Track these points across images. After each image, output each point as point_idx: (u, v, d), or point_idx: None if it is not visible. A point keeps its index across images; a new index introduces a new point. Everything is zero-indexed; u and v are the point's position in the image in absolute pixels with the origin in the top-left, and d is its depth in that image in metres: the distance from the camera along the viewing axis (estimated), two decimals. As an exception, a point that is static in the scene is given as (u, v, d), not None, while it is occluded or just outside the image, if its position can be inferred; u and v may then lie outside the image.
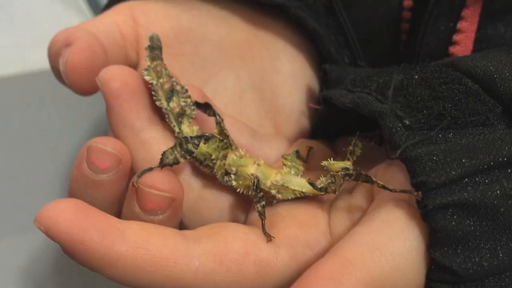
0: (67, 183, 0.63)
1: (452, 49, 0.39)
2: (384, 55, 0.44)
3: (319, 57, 0.43)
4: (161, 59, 0.36)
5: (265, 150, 0.39)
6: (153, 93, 0.35)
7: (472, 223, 0.28)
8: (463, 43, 0.39)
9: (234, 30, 0.42)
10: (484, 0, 0.38)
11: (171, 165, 0.33)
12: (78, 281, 0.58)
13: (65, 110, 0.64)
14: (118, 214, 0.35)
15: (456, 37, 0.39)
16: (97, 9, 0.69)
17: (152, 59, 0.36)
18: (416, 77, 0.33)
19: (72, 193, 0.35)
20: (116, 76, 0.34)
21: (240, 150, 0.36)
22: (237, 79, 0.42)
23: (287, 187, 0.34)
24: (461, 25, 0.39)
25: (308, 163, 0.38)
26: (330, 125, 0.40)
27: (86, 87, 0.36)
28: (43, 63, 0.63)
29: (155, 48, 0.37)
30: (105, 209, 0.33)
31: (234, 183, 0.35)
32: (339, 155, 0.39)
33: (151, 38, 0.37)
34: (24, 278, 0.56)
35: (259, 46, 0.42)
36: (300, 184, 0.34)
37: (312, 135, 0.42)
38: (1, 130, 0.61)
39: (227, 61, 0.42)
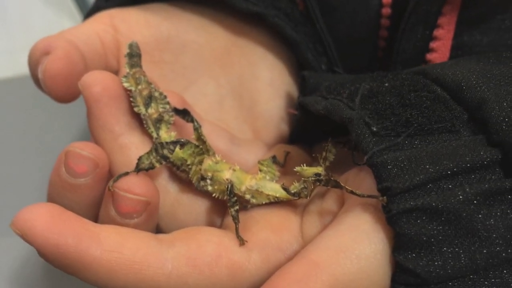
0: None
1: (429, 56, 0.40)
2: (363, 62, 0.45)
3: (298, 64, 0.44)
4: (140, 66, 0.37)
5: (243, 155, 0.40)
6: (131, 99, 0.36)
7: (435, 228, 0.28)
8: (440, 50, 0.40)
9: (213, 38, 0.43)
10: (461, 8, 0.39)
11: (146, 170, 0.34)
12: (68, 284, 0.59)
13: (59, 114, 0.64)
14: (96, 218, 0.36)
15: (432, 44, 0.40)
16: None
17: (131, 66, 0.37)
18: (386, 84, 0.34)
19: (50, 197, 0.35)
20: (97, 81, 0.35)
21: (216, 155, 0.36)
22: (216, 86, 0.43)
23: (261, 192, 0.35)
24: (438, 32, 0.39)
25: (285, 167, 0.39)
26: (307, 131, 0.41)
27: (64, 95, 0.37)
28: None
29: (134, 55, 0.37)
30: (83, 213, 0.33)
31: (210, 188, 0.36)
32: (316, 160, 0.40)
33: (130, 46, 0.37)
34: (14, 281, 0.56)
35: (238, 54, 0.43)
36: (274, 189, 0.35)
37: (290, 140, 0.42)
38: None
39: (207, 68, 0.43)
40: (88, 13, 0.43)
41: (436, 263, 0.28)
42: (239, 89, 0.43)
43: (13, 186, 0.62)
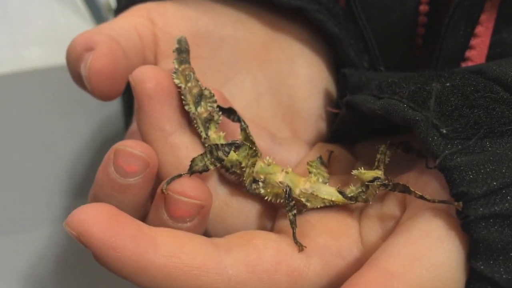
0: (64, 180, 0.63)
1: (468, 53, 0.39)
2: (400, 59, 0.44)
3: (336, 61, 0.43)
4: (189, 63, 0.36)
5: (284, 154, 0.39)
6: (182, 97, 0.35)
7: None
8: (479, 47, 0.39)
9: (251, 33, 0.42)
10: (500, 5, 0.38)
11: (200, 172, 0.33)
12: (79, 281, 0.58)
13: (61, 108, 0.64)
14: (142, 219, 0.35)
15: (472, 42, 0.39)
16: (94, 8, 0.68)
17: (180, 62, 0.36)
18: (448, 84, 0.33)
19: (96, 197, 0.34)
20: (150, 76, 0.34)
21: (268, 157, 0.35)
22: (254, 82, 0.42)
23: (316, 195, 0.34)
24: (478, 29, 0.39)
25: (329, 167, 0.38)
26: (351, 130, 0.40)
27: (108, 92, 0.35)
28: (39, 61, 0.63)
29: (183, 51, 0.36)
30: (130, 213, 0.32)
31: (262, 191, 0.35)
32: (359, 160, 0.39)
33: (179, 41, 0.36)
34: (25, 280, 0.56)
35: (276, 49, 0.42)
36: (329, 192, 0.34)
37: (330, 139, 0.42)
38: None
39: (245, 64, 0.42)
40: (121, 6, 0.42)
41: None
42: (277, 85, 0.42)
43: (15, 182, 0.62)
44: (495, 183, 0.28)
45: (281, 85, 0.42)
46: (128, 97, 0.46)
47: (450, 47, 0.40)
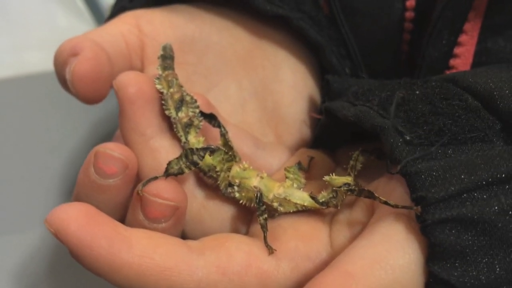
0: (63, 183, 0.64)
1: (453, 62, 0.41)
2: (386, 65, 0.46)
3: (320, 67, 0.45)
4: (173, 69, 0.38)
5: (267, 159, 0.41)
6: (163, 102, 0.36)
7: (470, 238, 0.29)
8: (463, 56, 0.40)
9: (236, 40, 0.43)
10: (485, 14, 0.39)
11: (175, 175, 0.34)
12: (72, 282, 0.59)
13: (63, 112, 0.65)
14: (121, 219, 0.36)
15: (456, 50, 0.40)
16: (96, 11, 0.70)
17: (164, 68, 0.37)
18: (417, 92, 0.34)
19: (77, 197, 0.36)
20: (132, 82, 0.36)
21: (244, 162, 0.37)
22: (239, 88, 0.43)
23: (289, 200, 0.35)
24: (462, 38, 0.40)
25: (309, 172, 0.40)
26: (331, 136, 0.41)
27: (92, 96, 0.37)
28: (41, 65, 0.65)
29: (167, 57, 0.38)
30: (110, 214, 0.34)
31: (237, 194, 0.36)
32: (339, 165, 0.40)
33: (164, 48, 0.38)
34: (18, 279, 0.57)
35: (261, 56, 0.44)
36: (302, 197, 0.35)
37: (313, 144, 0.43)
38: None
39: (230, 71, 0.43)
40: (112, 13, 0.44)
41: (470, 274, 0.29)
42: (261, 91, 0.43)
43: (16, 184, 0.63)
44: (453, 188, 0.29)
45: (265, 91, 0.44)
46: None
47: (432, 56, 0.41)
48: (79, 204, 0.32)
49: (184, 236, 0.37)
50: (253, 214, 0.37)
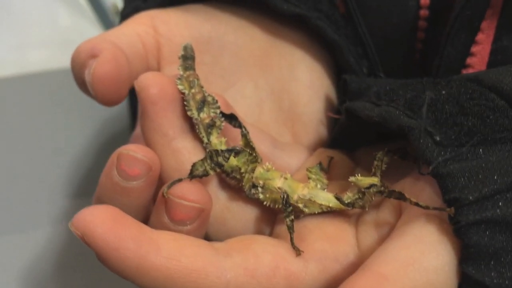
0: (66, 183, 0.64)
1: (469, 60, 0.41)
2: (399, 64, 0.46)
3: (337, 67, 0.45)
4: (194, 69, 0.37)
5: (285, 159, 0.41)
6: (185, 102, 0.36)
7: (504, 239, 0.29)
8: (480, 54, 0.40)
9: (252, 40, 0.43)
10: (501, 12, 0.39)
11: (200, 177, 0.34)
12: (79, 281, 0.59)
13: (65, 111, 0.65)
14: (145, 220, 0.36)
15: (473, 49, 0.40)
16: (99, 9, 0.70)
17: (185, 68, 0.37)
18: (443, 92, 0.34)
19: (99, 199, 0.36)
20: (154, 82, 0.36)
21: (267, 163, 0.37)
22: (255, 88, 0.43)
23: (314, 201, 0.35)
24: (479, 37, 0.40)
25: (329, 173, 0.40)
26: (350, 136, 0.41)
27: (111, 98, 0.37)
28: (43, 64, 0.65)
29: (188, 58, 0.38)
30: (133, 216, 0.34)
31: (261, 196, 0.36)
32: (359, 166, 0.41)
33: (185, 48, 0.38)
34: (25, 278, 0.57)
35: (277, 55, 0.44)
36: (327, 198, 0.35)
37: (331, 144, 0.43)
38: (1, 130, 0.62)
39: (246, 70, 0.43)
40: (125, 14, 0.44)
41: (505, 275, 0.29)
42: (278, 91, 0.43)
43: (18, 183, 0.63)
44: (486, 190, 0.29)
45: (282, 91, 0.43)
46: (133, 100, 0.48)
47: (451, 55, 0.41)
48: (105, 207, 0.31)
49: (207, 237, 0.37)
50: (276, 215, 0.37)
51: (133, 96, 0.45)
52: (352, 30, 0.44)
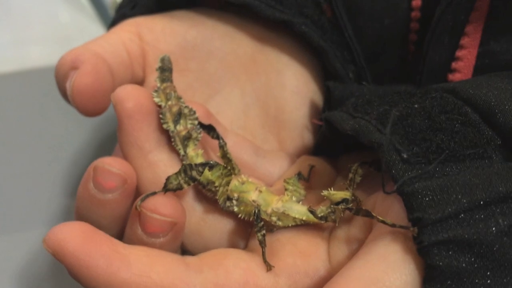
0: (65, 181, 0.65)
1: (455, 65, 0.41)
2: (392, 66, 0.46)
3: (324, 71, 0.45)
4: (171, 81, 0.38)
5: (268, 168, 0.42)
6: (160, 116, 0.37)
7: (467, 260, 0.29)
8: (466, 58, 0.40)
9: (239, 46, 0.44)
10: (487, 16, 0.39)
11: (174, 190, 0.35)
12: (75, 282, 0.60)
13: (64, 107, 0.65)
14: (121, 232, 0.38)
15: (458, 53, 0.41)
16: (99, 6, 0.70)
17: (162, 80, 0.38)
18: (416, 106, 0.34)
19: (78, 211, 0.37)
20: (130, 96, 0.37)
21: (242, 175, 0.38)
22: (242, 94, 0.44)
23: (287, 214, 0.36)
24: (464, 40, 0.40)
25: (310, 181, 0.40)
26: (332, 144, 0.42)
27: (92, 109, 0.38)
28: (42, 60, 0.65)
29: (165, 70, 0.38)
30: (110, 227, 0.35)
31: (235, 208, 0.37)
32: (341, 173, 0.41)
33: (162, 60, 0.39)
34: (23, 277, 0.58)
35: (264, 61, 0.44)
36: (300, 212, 0.36)
37: (315, 151, 0.44)
38: (0, 127, 0.63)
39: (232, 77, 0.44)
40: (113, 21, 0.45)
41: None
42: (264, 97, 0.44)
43: (15, 182, 0.64)
44: (450, 209, 0.30)
45: (268, 97, 0.44)
46: None
47: (433, 60, 0.41)
48: (77, 223, 0.32)
49: (183, 248, 0.38)
50: (252, 227, 0.38)
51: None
52: (338, 35, 0.44)
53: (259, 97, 0.44)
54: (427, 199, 0.30)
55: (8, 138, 0.64)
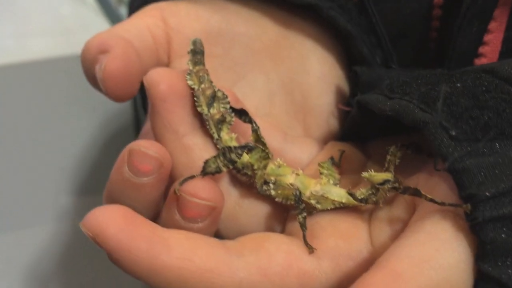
0: (69, 175, 0.64)
1: (481, 50, 0.41)
2: (414, 53, 0.46)
3: (348, 57, 0.45)
4: (203, 64, 0.38)
5: (296, 154, 0.41)
6: (195, 98, 0.37)
7: None
8: (492, 43, 0.41)
9: (264, 31, 0.44)
10: None
11: (213, 174, 0.35)
12: (83, 278, 0.60)
13: (67, 99, 0.65)
14: (154, 217, 0.37)
15: (486, 38, 0.41)
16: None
17: (195, 63, 0.38)
18: (458, 85, 0.34)
19: (110, 195, 0.36)
20: (164, 79, 0.36)
21: (278, 159, 0.37)
22: (266, 80, 0.44)
23: (326, 197, 0.36)
24: (491, 25, 0.40)
25: (340, 167, 0.40)
26: (362, 129, 0.41)
27: (122, 94, 0.37)
28: (45, 52, 0.65)
29: (197, 52, 0.38)
30: (143, 212, 0.35)
31: (273, 192, 0.37)
32: (370, 159, 0.41)
33: (194, 43, 0.38)
34: (29, 275, 0.58)
35: (288, 47, 0.44)
36: (339, 194, 0.36)
37: (342, 137, 0.43)
38: (2, 119, 0.63)
39: (257, 62, 0.44)
40: (134, 6, 0.44)
41: None
42: (289, 83, 0.44)
43: (20, 176, 0.63)
44: (503, 186, 0.30)
45: (293, 83, 0.44)
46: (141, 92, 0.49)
47: (463, 45, 0.41)
48: (116, 207, 0.32)
49: (218, 234, 0.38)
50: (288, 211, 0.38)
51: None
52: (365, 19, 0.44)
53: (284, 83, 0.44)
54: (479, 175, 0.30)
55: (11, 131, 0.63)
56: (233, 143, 0.37)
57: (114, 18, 0.68)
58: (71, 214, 0.63)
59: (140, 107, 0.52)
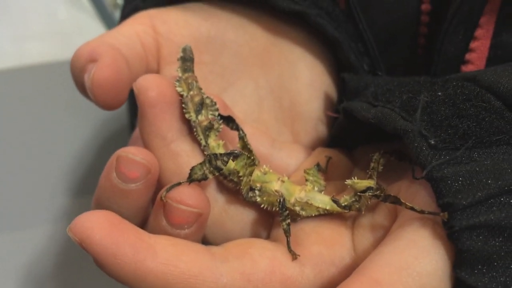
0: (66, 178, 0.65)
1: (468, 56, 0.42)
2: (402, 59, 0.47)
3: (337, 64, 0.46)
4: (193, 71, 0.39)
5: (284, 159, 0.42)
6: (183, 105, 0.38)
7: (497, 244, 0.30)
8: (479, 50, 0.41)
9: (252, 38, 0.45)
10: (500, 7, 0.40)
11: (199, 181, 0.36)
12: (80, 279, 0.61)
13: (63, 103, 0.66)
14: (142, 223, 0.38)
15: (472, 45, 0.41)
16: (97, 2, 0.71)
17: (184, 70, 0.39)
18: (439, 94, 0.35)
19: (98, 201, 0.37)
20: (153, 85, 0.37)
21: (264, 166, 0.38)
22: (256, 87, 0.45)
23: (311, 204, 0.37)
24: (478, 32, 0.41)
25: (327, 173, 0.41)
26: (349, 135, 0.42)
27: (111, 102, 0.38)
28: (41, 56, 0.66)
29: (187, 59, 0.39)
30: (131, 218, 0.36)
31: (258, 199, 0.37)
32: (357, 165, 0.42)
33: (184, 50, 0.39)
34: (25, 276, 0.58)
35: (277, 53, 0.45)
36: (324, 201, 0.37)
37: (329, 144, 0.44)
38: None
39: (246, 69, 0.44)
40: (125, 14, 0.45)
41: (498, 280, 0.30)
42: (278, 89, 0.45)
43: (16, 179, 0.64)
44: (480, 194, 0.31)
45: (282, 89, 0.45)
46: (132, 98, 0.50)
47: (448, 51, 0.42)
48: (103, 212, 0.33)
49: (204, 239, 0.39)
50: (274, 218, 0.39)
51: (132, 93, 0.47)
52: (352, 26, 0.45)
53: (272, 90, 0.45)
54: (456, 184, 0.31)
55: (7, 135, 0.64)
56: (220, 150, 0.38)
57: (110, 22, 0.69)
58: (68, 215, 0.64)
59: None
